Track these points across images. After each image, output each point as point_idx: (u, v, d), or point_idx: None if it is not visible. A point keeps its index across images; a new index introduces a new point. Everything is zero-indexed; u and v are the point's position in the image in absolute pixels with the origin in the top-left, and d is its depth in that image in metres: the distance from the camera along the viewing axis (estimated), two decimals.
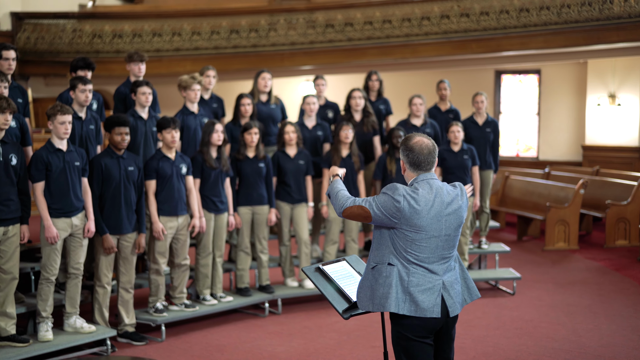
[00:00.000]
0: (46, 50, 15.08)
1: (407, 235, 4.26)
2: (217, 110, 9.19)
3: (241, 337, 7.63)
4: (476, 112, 10.01)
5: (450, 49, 14.65)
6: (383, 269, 4.32)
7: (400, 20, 14.61)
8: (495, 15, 13.97)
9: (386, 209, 4.27)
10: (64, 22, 15.17)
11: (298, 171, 8.65)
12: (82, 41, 15.03)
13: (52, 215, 6.71)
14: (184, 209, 7.62)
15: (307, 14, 14.96)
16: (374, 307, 4.33)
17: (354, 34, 14.79)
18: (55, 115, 6.72)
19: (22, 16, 15.26)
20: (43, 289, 6.79)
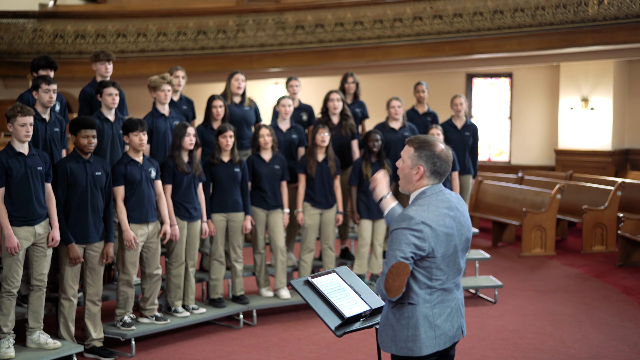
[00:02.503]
0: (5, 50, 14.52)
1: (433, 261, 3.81)
2: (187, 112, 8.79)
3: (215, 351, 7.23)
4: (455, 115, 9.74)
5: (423, 52, 14.39)
6: (404, 310, 3.86)
7: (372, 22, 14.33)
8: (469, 17, 13.74)
9: (414, 247, 3.75)
10: (23, 21, 14.62)
11: (273, 176, 8.29)
12: (43, 41, 14.49)
13: (13, 224, 6.26)
14: (154, 215, 7.21)
15: (277, 14, 14.61)
16: (398, 350, 3.88)
17: (324, 36, 14.47)
18: (15, 116, 6.29)
19: None
20: (4, 303, 6.33)
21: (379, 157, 8.69)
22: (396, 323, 3.88)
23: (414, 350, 3.83)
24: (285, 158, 8.56)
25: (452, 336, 3.90)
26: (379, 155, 8.69)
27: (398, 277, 3.76)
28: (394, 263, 3.76)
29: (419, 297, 3.83)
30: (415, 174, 3.93)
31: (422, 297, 3.83)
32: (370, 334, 7.20)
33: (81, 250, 6.69)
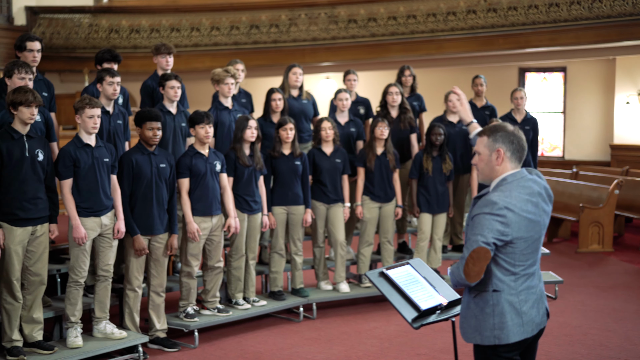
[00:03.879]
0: (62, 45, 14.71)
1: (516, 247, 3.76)
2: (246, 105, 8.79)
3: (277, 343, 7.23)
4: (515, 109, 9.63)
5: (476, 45, 14.28)
6: (488, 297, 3.82)
7: (425, 16, 14.25)
8: (524, 10, 13.60)
9: (497, 232, 3.72)
10: (79, 16, 14.80)
11: (334, 170, 8.26)
12: (99, 36, 14.66)
13: (80, 215, 6.32)
14: (218, 208, 7.23)
15: (329, 8, 14.59)
16: (483, 340, 3.83)
17: (377, 30, 14.43)
18: (83, 108, 6.33)
19: (37, 10, 14.91)
20: (72, 293, 6.40)
21: (441, 150, 8.63)
22: (480, 312, 3.84)
23: (501, 338, 3.79)
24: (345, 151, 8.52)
25: (539, 322, 3.87)
26: (441, 149, 8.62)
27: (478, 262, 3.73)
28: (475, 248, 3.73)
29: (503, 284, 3.80)
30: (497, 159, 3.89)
31: (506, 283, 3.80)
32: (432, 329, 7.17)
33: (146, 241, 6.73)
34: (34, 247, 6.12)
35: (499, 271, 3.80)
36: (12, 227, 6.00)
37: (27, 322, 6.19)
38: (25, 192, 6.05)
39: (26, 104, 5.97)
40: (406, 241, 9.45)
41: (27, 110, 5.99)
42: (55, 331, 6.87)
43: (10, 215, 6.00)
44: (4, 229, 5.96)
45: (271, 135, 8.15)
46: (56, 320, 6.83)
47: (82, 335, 6.48)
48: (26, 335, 6.18)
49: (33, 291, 6.17)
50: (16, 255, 6.01)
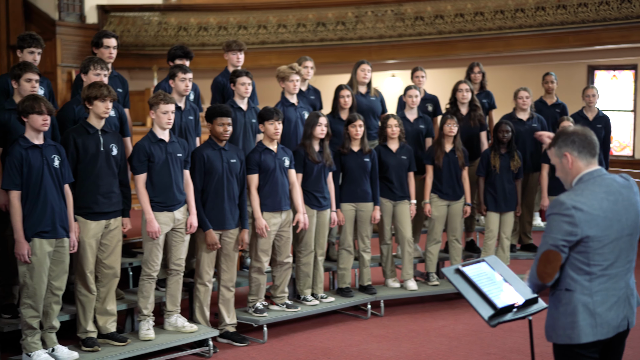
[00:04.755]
0: (131, 43, 14.94)
1: (589, 246, 3.71)
2: (315, 102, 8.80)
3: (345, 340, 7.23)
4: (586, 107, 9.47)
5: (545, 43, 14.06)
6: (561, 296, 3.80)
7: (493, 13, 14.08)
8: (594, 7, 13.33)
9: (564, 233, 3.70)
10: (149, 14, 15.01)
11: (400, 166, 8.22)
12: (168, 34, 14.85)
13: (153, 209, 6.41)
14: (287, 204, 7.25)
15: (396, 6, 14.52)
16: (557, 338, 3.82)
17: (444, 27, 14.31)
18: (158, 104, 6.42)
19: (108, 9, 15.17)
20: (144, 286, 6.50)
21: (509, 148, 8.52)
22: (555, 310, 3.82)
23: (572, 337, 3.75)
24: (413, 148, 8.48)
25: (616, 326, 3.78)
26: (509, 146, 8.52)
27: (549, 264, 3.73)
28: (544, 250, 3.73)
29: (576, 284, 3.75)
30: (567, 163, 3.86)
31: (580, 283, 3.75)
32: (502, 328, 7.09)
33: (217, 236, 6.79)
34: (107, 240, 6.22)
35: (572, 270, 3.76)
36: (87, 221, 6.11)
37: (101, 314, 6.30)
38: (99, 186, 6.15)
39: (101, 99, 6.07)
40: (474, 239, 9.37)
41: (102, 104, 6.08)
42: (127, 323, 6.98)
43: (84, 209, 6.11)
44: (79, 222, 6.07)
45: (339, 131, 8.15)
46: (128, 312, 6.94)
47: (154, 328, 6.57)
48: (100, 327, 6.30)
49: (106, 284, 6.28)
50: (90, 248, 6.12)
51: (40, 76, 6.35)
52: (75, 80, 7.16)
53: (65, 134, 6.16)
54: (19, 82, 6.15)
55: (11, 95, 6.35)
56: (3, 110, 6.22)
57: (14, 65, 6.33)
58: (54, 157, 5.82)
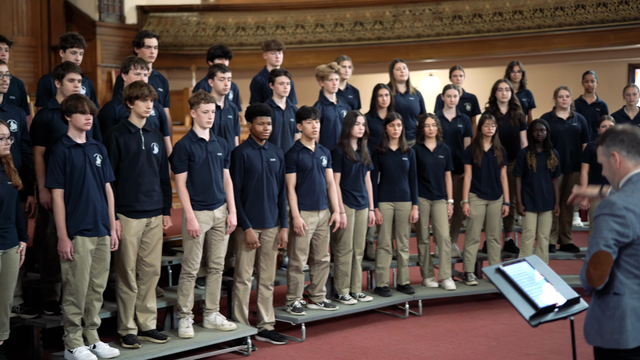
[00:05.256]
0: (170, 43, 15.07)
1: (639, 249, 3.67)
2: (353, 101, 8.81)
3: (384, 339, 7.23)
4: (627, 106, 9.36)
5: (585, 41, 13.94)
6: (609, 300, 3.73)
7: (532, 11, 13.99)
8: (636, 5, 13.19)
9: (616, 234, 3.64)
10: (187, 14, 15.13)
11: (438, 166, 8.20)
12: (206, 34, 14.95)
13: (194, 208, 6.45)
14: (325, 203, 7.27)
15: (434, 4, 14.48)
16: (604, 342, 3.75)
17: (482, 26, 14.25)
18: (198, 103, 6.47)
19: (147, 10, 15.31)
20: (184, 284, 6.55)
21: (545, 147, 8.45)
22: (601, 314, 3.75)
23: (619, 342, 3.69)
24: (451, 148, 8.45)
25: None
26: (545, 145, 8.45)
27: (600, 266, 3.65)
28: (595, 251, 3.65)
29: (624, 287, 3.69)
30: (615, 162, 3.80)
31: (628, 287, 3.69)
32: (542, 329, 7.04)
33: (256, 235, 6.82)
34: (148, 238, 6.28)
35: (621, 273, 3.70)
36: (128, 219, 6.18)
37: (142, 311, 6.36)
38: (140, 185, 6.21)
39: (142, 98, 6.13)
40: (512, 239, 9.31)
41: (143, 103, 6.14)
42: (167, 321, 7.04)
43: (126, 207, 6.18)
44: (121, 220, 6.14)
45: (377, 131, 8.15)
46: (168, 310, 7.00)
47: (193, 326, 6.61)
48: (140, 324, 6.36)
49: (147, 281, 6.34)
50: (131, 246, 6.18)
51: (82, 76, 6.43)
52: (117, 80, 7.24)
53: (107, 133, 6.23)
54: (61, 81, 6.23)
55: (54, 94, 6.44)
56: (46, 109, 6.30)
57: (57, 65, 6.41)
58: (96, 155, 5.89)
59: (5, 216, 5.47)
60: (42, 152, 6.19)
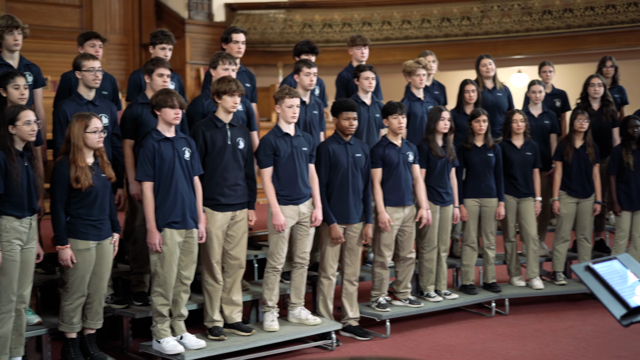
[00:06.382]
0: (257, 40, 15.21)
1: None
2: (439, 97, 8.73)
3: (469, 337, 7.14)
4: None
5: None
6: None
7: (626, 5, 13.61)
8: None
9: None
10: (274, 12, 15.26)
11: (525, 163, 8.05)
12: (293, 31, 15.05)
13: (279, 203, 6.48)
14: (410, 199, 7.22)
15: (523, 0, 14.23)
16: None
17: (573, 21, 13.93)
18: (283, 98, 6.50)
19: (235, 7, 15.51)
20: (269, 278, 6.60)
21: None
22: None
23: None
24: (538, 145, 8.29)
25: None
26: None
27: None
28: None
29: None
30: None
31: None
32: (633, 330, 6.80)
33: (341, 230, 6.82)
34: (233, 231, 6.34)
35: None
36: (214, 212, 6.25)
37: (227, 303, 6.43)
38: (226, 179, 6.28)
39: (229, 93, 6.19)
40: (604, 239, 9.08)
41: (231, 99, 6.20)
42: (252, 314, 7.12)
43: (212, 200, 6.25)
44: (207, 213, 6.22)
45: (463, 126, 8.06)
46: (253, 304, 7.07)
47: (278, 319, 6.66)
48: (226, 317, 6.43)
49: (232, 274, 6.40)
50: (217, 239, 6.25)
51: (171, 71, 6.54)
52: (205, 76, 7.35)
53: (195, 127, 6.32)
54: (151, 77, 6.35)
55: (144, 89, 6.57)
56: (136, 104, 6.44)
57: (147, 60, 6.54)
58: (184, 149, 5.98)
59: (100, 208, 5.64)
60: (131, 145, 6.33)
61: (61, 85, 6.73)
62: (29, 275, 5.50)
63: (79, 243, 5.58)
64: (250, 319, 7.11)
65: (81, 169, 5.48)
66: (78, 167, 5.48)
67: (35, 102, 6.46)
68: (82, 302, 5.73)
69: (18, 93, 5.76)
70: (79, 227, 5.58)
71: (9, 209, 5.31)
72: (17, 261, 5.35)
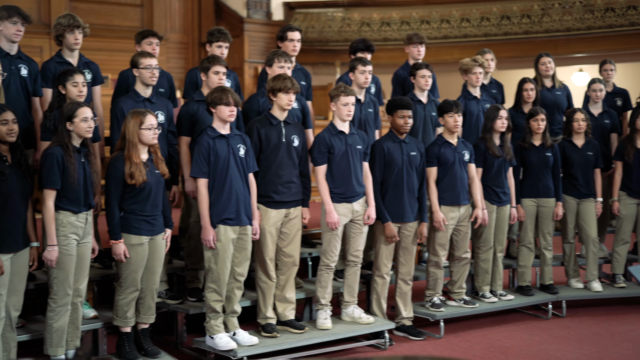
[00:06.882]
0: (315, 39, 15.24)
1: None
2: (497, 95, 8.62)
3: (524, 339, 7.04)
4: None
5: None
6: None
7: None
8: None
9: None
10: (333, 10, 15.26)
11: (586, 163, 7.91)
12: (351, 29, 15.03)
13: (333, 200, 6.48)
14: (466, 198, 7.15)
15: None
16: None
17: (637, 18, 13.64)
18: (338, 96, 6.49)
19: (293, 6, 15.56)
20: (323, 276, 6.60)
21: None
22: None
23: None
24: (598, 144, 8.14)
25: None
26: None
27: None
28: None
29: None
30: None
31: None
32: None
33: (395, 229, 6.78)
34: (287, 229, 6.36)
35: None
36: (268, 209, 6.27)
37: (280, 301, 6.45)
38: (280, 176, 6.29)
39: (284, 91, 6.21)
40: None
41: (286, 96, 6.22)
42: (306, 312, 7.13)
43: (266, 197, 6.27)
44: (260, 210, 6.24)
45: (521, 125, 7.95)
46: (307, 301, 7.08)
47: (331, 317, 6.65)
48: (279, 314, 6.45)
49: (286, 272, 6.42)
50: (270, 236, 6.27)
51: (227, 69, 6.58)
52: (261, 74, 7.38)
53: (250, 125, 6.35)
54: (207, 74, 6.40)
55: (200, 87, 6.62)
56: (192, 101, 6.49)
57: (203, 58, 6.59)
58: (239, 146, 6.01)
59: (154, 204, 5.70)
60: (187, 142, 6.39)
61: (119, 83, 6.83)
62: (84, 269, 5.59)
63: (132, 238, 5.65)
64: (303, 316, 7.13)
65: (136, 165, 5.54)
66: (133, 163, 5.55)
67: (93, 100, 6.58)
68: (136, 297, 5.80)
69: (77, 90, 5.84)
70: (132, 222, 5.65)
71: (65, 204, 5.40)
72: (73, 255, 5.44)
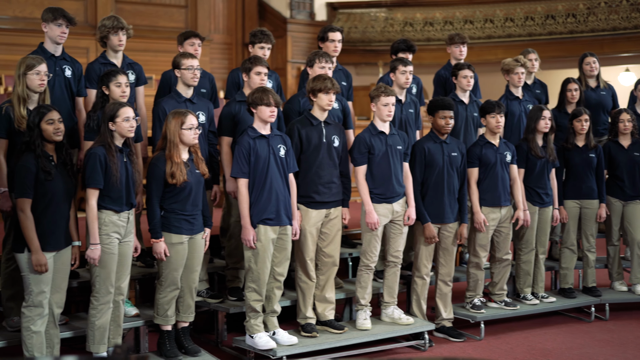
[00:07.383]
0: (358, 39, 15.24)
1: None
2: (540, 96, 8.55)
3: (566, 342, 6.96)
4: None
5: None
6: None
7: None
8: None
9: None
10: (376, 10, 15.25)
11: (633, 164, 7.82)
12: (394, 29, 15.00)
13: (373, 201, 6.48)
14: (507, 199, 7.10)
15: None
16: None
17: None
18: (378, 96, 6.49)
19: (336, 6, 15.57)
20: (362, 276, 6.60)
21: None
22: None
23: None
24: None
25: None
26: None
27: None
28: None
29: None
30: None
31: None
32: None
33: (435, 230, 6.76)
34: (327, 229, 6.37)
35: None
36: (308, 209, 6.29)
37: (320, 301, 6.47)
38: (321, 177, 6.31)
39: (325, 91, 6.22)
40: None
41: (326, 97, 6.23)
42: (346, 312, 7.14)
43: (306, 197, 6.29)
44: (301, 210, 6.26)
45: (565, 126, 7.87)
46: (347, 302, 7.09)
47: (371, 318, 6.65)
48: (319, 314, 6.47)
49: (326, 272, 6.44)
50: (310, 236, 6.29)
51: (268, 70, 6.61)
52: (302, 74, 7.41)
53: (290, 125, 6.38)
54: (249, 75, 6.44)
55: (242, 87, 6.66)
56: (234, 101, 6.54)
57: (245, 59, 6.63)
58: (279, 147, 6.04)
59: (194, 203, 5.76)
60: (229, 142, 6.44)
61: (161, 84, 6.90)
62: (126, 267, 5.66)
63: (172, 237, 5.71)
64: (343, 316, 7.14)
65: (176, 164, 5.60)
66: (173, 163, 5.60)
67: (136, 100, 6.66)
68: (176, 295, 5.85)
69: (120, 91, 5.92)
70: (172, 221, 5.71)
71: (108, 203, 5.47)
72: (115, 254, 5.51)
